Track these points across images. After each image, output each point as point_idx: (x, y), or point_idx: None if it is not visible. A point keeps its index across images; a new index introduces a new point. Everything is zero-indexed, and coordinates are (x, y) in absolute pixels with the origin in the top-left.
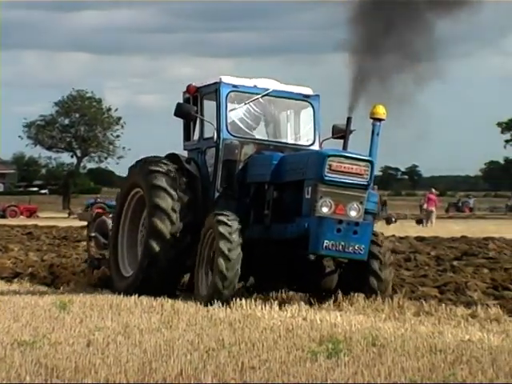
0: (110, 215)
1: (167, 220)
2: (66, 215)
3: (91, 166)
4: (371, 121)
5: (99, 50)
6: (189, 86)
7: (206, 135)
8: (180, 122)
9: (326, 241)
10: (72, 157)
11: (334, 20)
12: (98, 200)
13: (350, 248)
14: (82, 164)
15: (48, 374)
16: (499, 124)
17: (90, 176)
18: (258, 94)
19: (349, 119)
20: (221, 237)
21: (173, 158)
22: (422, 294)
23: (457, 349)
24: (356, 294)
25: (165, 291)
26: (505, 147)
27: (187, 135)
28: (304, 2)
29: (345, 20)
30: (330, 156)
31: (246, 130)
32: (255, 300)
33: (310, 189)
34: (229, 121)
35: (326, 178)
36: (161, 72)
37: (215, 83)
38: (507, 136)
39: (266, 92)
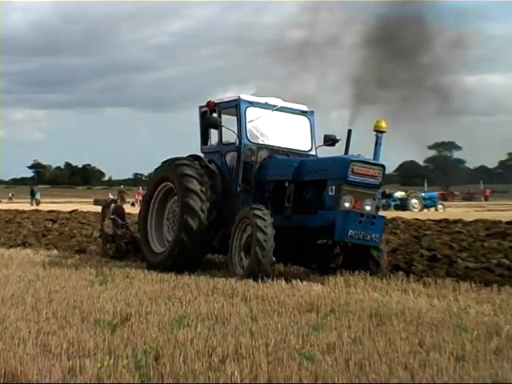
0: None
1: (198, 199)
2: None
3: None
4: (375, 133)
5: None
6: (208, 102)
7: (225, 141)
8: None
9: (350, 230)
10: None
11: (112, 86)
12: None
13: (368, 237)
14: None
15: None
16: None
17: None
18: (268, 109)
19: (349, 131)
20: (258, 229)
21: (195, 157)
22: None
23: (176, 279)
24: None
25: (197, 259)
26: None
27: (205, 140)
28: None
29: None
30: (352, 161)
31: (261, 137)
32: (65, 250)
33: (333, 187)
34: (247, 130)
35: (349, 179)
36: (7, 116)
37: (235, 100)
38: None
39: (275, 108)
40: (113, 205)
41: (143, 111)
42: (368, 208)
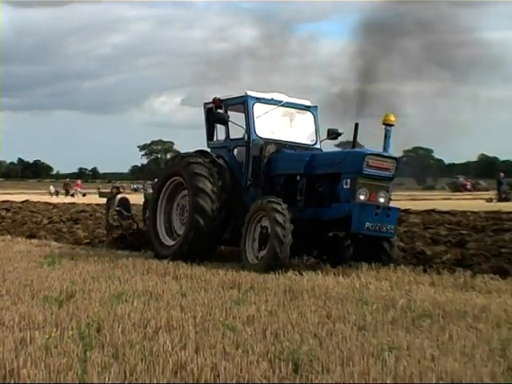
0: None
1: (207, 181)
2: None
3: None
4: (383, 126)
5: None
6: (214, 99)
7: (232, 136)
8: None
9: (367, 222)
10: None
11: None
12: None
13: (384, 228)
14: None
15: None
16: (139, 146)
17: None
18: (275, 104)
19: (356, 124)
20: (277, 224)
21: (203, 152)
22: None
23: (115, 259)
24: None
25: (211, 243)
26: (141, 157)
27: (210, 136)
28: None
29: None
30: (367, 155)
31: (268, 132)
32: (18, 235)
33: (348, 180)
34: (256, 125)
35: (364, 172)
36: None
37: (242, 96)
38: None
39: (281, 103)
40: (118, 196)
41: (88, 114)
42: (382, 200)
